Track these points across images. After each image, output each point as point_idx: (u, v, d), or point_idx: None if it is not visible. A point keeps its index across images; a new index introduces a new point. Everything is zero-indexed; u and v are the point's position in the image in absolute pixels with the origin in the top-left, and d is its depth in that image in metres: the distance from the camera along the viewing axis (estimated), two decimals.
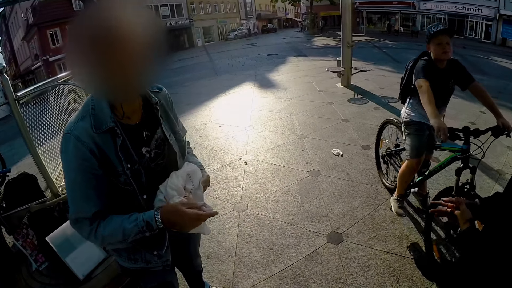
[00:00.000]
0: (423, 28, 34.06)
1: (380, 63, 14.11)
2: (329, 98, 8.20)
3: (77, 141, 1.10)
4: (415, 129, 3.01)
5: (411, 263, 2.77)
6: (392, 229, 3.21)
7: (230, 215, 3.53)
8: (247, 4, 58.77)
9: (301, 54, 19.43)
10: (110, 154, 1.16)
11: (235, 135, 5.89)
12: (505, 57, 16.84)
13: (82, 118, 1.15)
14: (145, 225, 1.15)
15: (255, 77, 11.60)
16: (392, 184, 3.75)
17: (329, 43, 26.01)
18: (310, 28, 41.78)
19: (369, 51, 19.94)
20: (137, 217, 1.16)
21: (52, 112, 3.19)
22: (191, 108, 7.96)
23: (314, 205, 3.62)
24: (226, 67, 15.74)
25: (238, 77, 12.01)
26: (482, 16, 29.36)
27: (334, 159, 4.73)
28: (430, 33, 2.69)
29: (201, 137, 5.86)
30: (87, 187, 1.14)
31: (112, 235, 1.16)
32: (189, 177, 1.34)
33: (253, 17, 59.99)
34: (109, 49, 0.93)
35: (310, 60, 16.28)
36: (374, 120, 6.28)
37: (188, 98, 9.00)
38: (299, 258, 2.87)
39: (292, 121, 6.52)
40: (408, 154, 3.05)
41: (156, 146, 1.32)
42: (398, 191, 3.28)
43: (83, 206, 1.15)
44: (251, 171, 4.46)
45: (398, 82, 3.55)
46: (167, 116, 1.42)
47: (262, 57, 18.79)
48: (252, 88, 10.00)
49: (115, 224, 1.16)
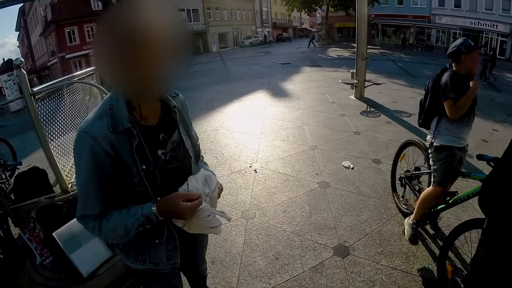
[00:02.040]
0: (438, 43, 33.93)
1: (393, 76, 14.05)
2: (342, 110, 8.20)
3: (93, 141, 1.12)
4: (447, 155, 2.85)
5: (417, 281, 2.73)
6: (399, 245, 3.18)
7: (237, 222, 3.54)
8: (263, 12, 59.11)
9: (315, 64, 19.46)
10: (126, 154, 1.18)
11: (246, 143, 5.92)
12: None
13: (99, 117, 1.16)
14: (145, 219, 1.18)
15: (269, 86, 11.67)
16: (408, 209, 3.57)
17: (343, 54, 26.01)
18: (325, 39, 41.74)
19: (383, 64, 19.86)
20: (136, 211, 1.18)
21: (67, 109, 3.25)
22: (204, 113, 8.03)
23: (322, 217, 3.61)
24: (240, 74, 15.85)
25: (252, 84, 12.08)
26: (497, 32, 29.06)
27: (344, 172, 4.72)
28: (471, 45, 2.72)
29: (212, 142, 5.90)
30: (97, 187, 1.17)
31: (115, 230, 1.19)
32: (206, 181, 1.36)
33: (269, 25, 60.27)
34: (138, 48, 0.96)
35: (323, 71, 16.31)
36: (386, 134, 6.27)
37: (202, 103, 9.09)
38: (305, 269, 2.86)
39: (304, 131, 6.54)
40: (435, 181, 2.90)
41: (172, 149, 1.33)
42: (415, 216, 3.11)
43: (91, 205, 1.19)
44: (261, 179, 4.48)
45: (412, 96, 3.54)
46: (183, 121, 1.44)
47: (276, 66, 18.89)
48: (265, 96, 10.06)
49: (117, 219, 1.19)
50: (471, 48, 2.70)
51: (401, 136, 6.04)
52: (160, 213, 1.19)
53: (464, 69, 2.75)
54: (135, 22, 0.96)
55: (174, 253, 1.44)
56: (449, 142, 2.85)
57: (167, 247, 1.41)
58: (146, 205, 1.20)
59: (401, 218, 3.58)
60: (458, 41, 2.78)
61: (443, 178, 2.86)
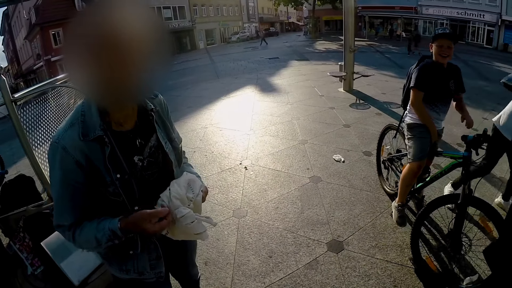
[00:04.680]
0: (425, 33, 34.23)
1: (382, 68, 14.10)
2: (331, 103, 8.18)
3: (64, 151, 1.08)
4: (418, 132, 3.01)
5: (413, 273, 2.73)
6: (393, 237, 3.17)
7: (229, 221, 3.49)
8: (249, 7, 58.95)
9: (303, 58, 19.46)
10: (99, 163, 1.13)
11: (236, 140, 5.85)
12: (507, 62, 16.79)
13: (70, 126, 1.12)
14: (112, 234, 1.13)
15: (257, 81, 11.61)
16: (393, 190, 3.74)
17: (331, 47, 26.06)
18: (312, 32, 41.84)
19: (371, 56, 19.96)
20: (104, 226, 1.14)
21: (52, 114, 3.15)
22: (192, 111, 7.95)
23: (314, 212, 3.57)
24: (228, 70, 15.76)
25: (240, 80, 12.01)
26: (484, 22, 29.39)
27: (335, 165, 4.69)
28: (435, 34, 2.84)
29: (201, 140, 5.82)
30: (70, 198, 1.14)
31: (88, 242, 1.17)
32: (189, 186, 1.29)
33: (256, 20, 60.11)
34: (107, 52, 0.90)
35: (312, 64, 16.31)
36: (376, 125, 6.26)
37: (190, 101, 9.00)
38: (299, 266, 2.83)
39: (293, 126, 6.50)
40: (411, 157, 3.02)
41: (150, 154, 1.28)
42: (400, 198, 3.23)
43: (65, 215, 1.16)
44: (251, 177, 4.42)
45: (400, 87, 3.58)
46: (163, 123, 1.38)
47: (263, 61, 18.83)
48: (253, 91, 10.00)
49: (89, 231, 1.15)
50: (435, 36, 2.83)
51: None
52: (125, 230, 1.14)
53: (433, 55, 2.90)
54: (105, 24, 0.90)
55: (158, 262, 1.39)
56: (419, 120, 3.02)
57: (150, 257, 1.37)
58: (113, 220, 1.15)
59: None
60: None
61: (416, 153, 2.98)
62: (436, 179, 3.03)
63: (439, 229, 3.16)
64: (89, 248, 1.23)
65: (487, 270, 2.54)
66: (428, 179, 3.12)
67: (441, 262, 2.82)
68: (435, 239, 3.08)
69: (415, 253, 2.68)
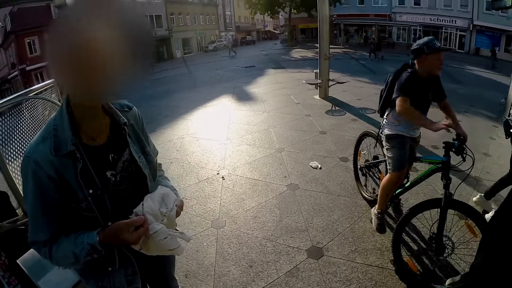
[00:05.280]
0: (399, 40, 35.26)
1: (357, 74, 14.42)
2: (307, 110, 8.26)
3: (36, 165, 1.06)
4: (397, 142, 3.00)
5: (393, 275, 2.77)
6: (372, 241, 3.21)
7: (208, 232, 3.45)
8: (226, 16, 59.18)
9: (279, 66, 19.64)
10: (71, 179, 1.11)
11: (213, 149, 5.81)
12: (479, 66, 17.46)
13: (43, 140, 1.10)
14: (91, 248, 1.11)
15: (233, 90, 11.61)
16: (372, 196, 3.76)
17: (307, 55, 26.43)
18: (288, 40, 42.35)
19: (346, 63, 20.41)
20: (83, 240, 1.12)
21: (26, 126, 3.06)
22: (169, 121, 7.86)
23: (293, 220, 3.58)
24: (205, 79, 15.72)
25: (216, 89, 11.99)
26: (456, 27, 30.57)
27: (313, 172, 4.72)
28: (435, 47, 2.70)
29: (178, 151, 5.75)
30: (44, 213, 1.12)
31: (65, 258, 1.15)
32: (163, 200, 1.28)
33: (232, 29, 60.38)
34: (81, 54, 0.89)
35: (288, 72, 16.48)
36: (352, 131, 6.35)
37: (167, 110, 8.91)
38: (280, 275, 2.81)
39: (270, 134, 6.51)
40: (391, 168, 3.02)
41: (123, 169, 1.27)
42: (380, 206, 3.23)
43: (39, 231, 1.14)
44: (229, 186, 4.39)
45: (375, 93, 3.62)
46: (137, 137, 1.36)
47: (240, 69, 18.91)
48: (230, 100, 9.99)
49: (66, 247, 1.13)
50: (433, 50, 2.69)
51: None
52: (105, 244, 1.13)
53: (424, 68, 2.78)
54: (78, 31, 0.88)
55: (134, 277, 1.38)
56: (398, 131, 3.02)
57: (126, 272, 1.35)
58: (92, 233, 1.13)
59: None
60: (423, 40, 2.78)
61: (397, 164, 2.98)
62: (415, 185, 3.05)
63: (419, 233, 3.23)
64: (67, 265, 1.21)
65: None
66: (407, 185, 3.13)
67: (423, 264, 2.88)
68: (416, 242, 3.14)
69: (396, 256, 2.71)
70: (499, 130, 6.69)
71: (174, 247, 1.24)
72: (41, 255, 1.17)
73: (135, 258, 1.35)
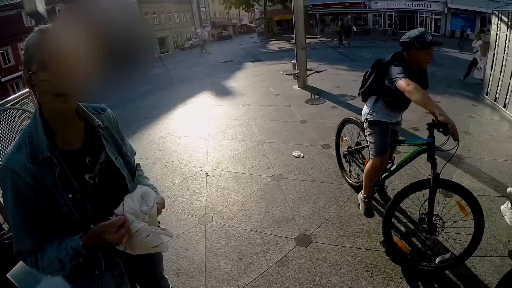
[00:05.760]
0: (375, 26, 35.60)
1: (335, 62, 14.51)
2: (287, 101, 8.28)
3: (14, 174, 1.07)
4: (380, 129, 2.99)
5: (383, 256, 2.82)
6: (359, 224, 3.26)
7: (196, 229, 3.43)
8: (201, 12, 58.58)
9: (257, 59, 19.62)
10: (49, 185, 1.11)
11: (195, 146, 5.77)
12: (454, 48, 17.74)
13: (18, 149, 1.11)
14: (75, 252, 1.12)
15: (212, 86, 11.53)
16: (357, 182, 3.77)
17: (284, 46, 26.44)
18: (265, 33, 42.26)
19: (324, 52, 20.52)
20: (66, 245, 1.12)
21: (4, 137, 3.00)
22: (149, 122, 7.76)
23: (279, 210, 3.60)
24: (183, 77, 15.54)
25: (195, 86, 11.87)
26: (431, 11, 30.92)
27: (296, 162, 4.75)
28: (427, 41, 2.58)
29: (160, 151, 5.69)
30: (25, 222, 1.12)
31: (51, 265, 1.14)
32: (143, 199, 1.29)
33: (208, 25, 59.84)
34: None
35: (266, 65, 16.47)
36: (332, 119, 6.41)
37: (146, 111, 8.78)
38: (270, 265, 2.83)
39: (251, 127, 6.51)
40: (373, 153, 3.04)
41: (100, 171, 1.28)
42: (365, 191, 3.27)
43: (23, 240, 1.14)
44: (213, 182, 4.38)
45: (354, 80, 3.65)
46: (113, 138, 1.37)
47: (218, 65, 18.76)
48: (209, 97, 9.92)
49: (51, 254, 1.13)
50: (424, 45, 2.59)
51: None
52: (88, 246, 1.13)
53: (415, 61, 2.70)
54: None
55: (122, 279, 1.38)
56: (382, 118, 2.99)
57: (113, 274, 1.35)
58: (74, 238, 1.14)
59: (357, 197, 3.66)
60: (414, 32, 2.66)
61: (379, 149, 3.00)
62: (401, 167, 3.04)
63: (407, 213, 3.28)
64: (54, 272, 1.20)
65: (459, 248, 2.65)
66: (393, 168, 3.13)
67: (412, 244, 2.94)
68: (405, 223, 3.20)
69: (387, 238, 2.71)
70: (478, 108, 6.91)
71: (158, 244, 1.24)
72: (28, 265, 1.17)
73: (121, 260, 1.35)
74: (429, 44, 2.59)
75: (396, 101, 2.79)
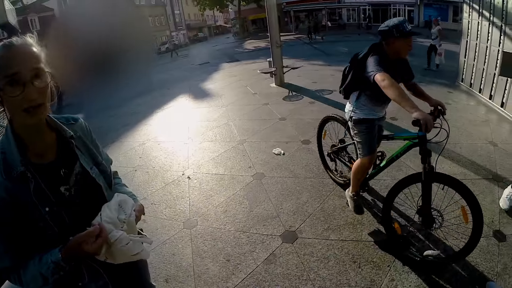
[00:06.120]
0: (350, 20, 36.07)
1: (311, 58, 14.66)
2: (265, 99, 8.31)
3: None
4: (366, 127, 2.91)
5: (369, 246, 2.87)
6: (344, 216, 3.30)
7: (181, 234, 3.41)
8: (176, 15, 58.03)
9: (233, 59, 19.57)
10: (25, 200, 1.10)
11: (175, 151, 5.71)
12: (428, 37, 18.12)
13: None
14: (55, 266, 1.10)
15: (190, 89, 11.43)
16: (345, 180, 3.72)
17: (260, 45, 26.50)
18: (240, 33, 42.23)
19: (300, 48, 20.68)
20: (47, 259, 1.10)
21: None
22: (128, 129, 7.64)
23: (263, 208, 3.61)
24: (160, 81, 15.33)
25: (173, 90, 11.75)
26: (404, 3, 31.55)
27: (276, 159, 4.77)
28: (406, 31, 2.53)
29: (141, 158, 5.61)
30: (5, 239, 1.10)
31: (34, 280, 1.12)
32: (121, 207, 1.28)
33: (183, 28, 59.36)
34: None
35: (242, 64, 16.47)
36: (311, 114, 6.48)
37: (125, 118, 8.64)
38: (258, 264, 2.84)
39: (230, 127, 6.49)
40: (361, 153, 2.96)
41: (76, 182, 1.26)
42: (354, 188, 3.20)
43: (4, 258, 1.12)
44: (196, 185, 4.35)
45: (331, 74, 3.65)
46: (87, 148, 1.35)
47: (194, 67, 18.66)
48: (187, 100, 9.84)
49: (33, 269, 1.11)
50: (403, 34, 2.54)
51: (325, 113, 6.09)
52: (68, 259, 1.11)
53: (393, 50, 2.64)
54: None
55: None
56: (368, 115, 2.91)
57: (97, 285, 1.33)
58: (54, 251, 1.11)
59: (340, 191, 3.74)
60: (393, 21, 2.61)
61: (368, 148, 2.92)
62: (390, 163, 2.95)
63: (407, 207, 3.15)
64: (38, 287, 1.17)
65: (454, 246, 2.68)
66: (382, 165, 3.02)
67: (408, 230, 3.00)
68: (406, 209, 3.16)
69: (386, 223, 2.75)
70: (454, 95, 7.14)
71: (138, 251, 1.23)
72: (12, 283, 1.15)
73: (104, 270, 1.33)
74: (408, 34, 2.54)
75: (379, 93, 2.56)
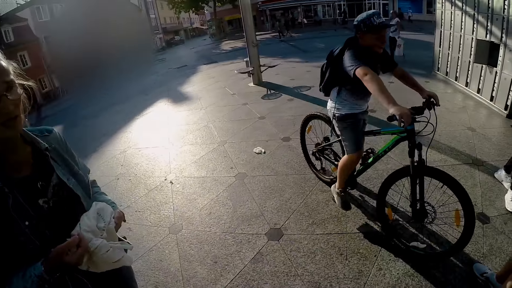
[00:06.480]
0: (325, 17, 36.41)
1: (288, 56, 14.74)
2: (243, 99, 8.32)
3: None
4: (351, 122, 2.84)
5: (354, 237, 2.92)
6: (327, 210, 3.35)
7: (167, 239, 3.40)
8: (151, 19, 57.32)
9: (211, 61, 19.49)
10: (4, 215, 1.08)
11: (157, 156, 5.68)
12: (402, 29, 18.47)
13: None
14: (39, 279, 1.08)
15: (168, 93, 11.34)
16: (332, 179, 3.69)
17: (237, 45, 26.44)
18: (217, 34, 42.06)
19: (277, 46, 20.76)
20: (30, 273, 1.09)
21: None
22: (108, 138, 7.54)
23: (247, 208, 3.63)
24: (138, 87, 15.19)
25: (151, 96, 11.64)
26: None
27: (258, 158, 4.80)
28: (373, 24, 2.45)
29: (122, 166, 5.55)
30: None
31: None
32: (100, 215, 1.27)
33: (160, 32, 58.71)
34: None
35: (220, 66, 16.41)
36: (290, 111, 6.54)
37: (104, 127, 8.52)
38: (245, 263, 2.86)
39: (210, 129, 6.48)
40: (349, 150, 2.89)
41: (54, 194, 1.24)
42: (340, 185, 3.15)
43: None
44: (179, 189, 4.34)
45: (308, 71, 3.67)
46: (63, 159, 1.34)
47: (172, 71, 18.50)
48: (166, 104, 9.77)
49: (18, 284, 1.09)
50: (370, 28, 2.47)
51: (304, 110, 6.33)
52: (50, 271, 1.10)
53: (365, 45, 2.58)
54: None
55: None
56: (351, 110, 2.84)
57: None
58: (37, 265, 1.10)
59: (322, 185, 3.78)
60: (362, 15, 2.55)
61: (354, 144, 2.85)
62: (378, 159, 2.92)
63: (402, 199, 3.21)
64: None
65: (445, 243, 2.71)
66: (370, 160, 2.98)
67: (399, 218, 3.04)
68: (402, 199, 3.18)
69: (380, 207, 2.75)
70: (431, 84, 7.33)
71: (119, 258, 1.23)
72: None
73: (88, 280, 1.32)
74: (376, 27, 2.45)
75: (359, 87, 2.49)
